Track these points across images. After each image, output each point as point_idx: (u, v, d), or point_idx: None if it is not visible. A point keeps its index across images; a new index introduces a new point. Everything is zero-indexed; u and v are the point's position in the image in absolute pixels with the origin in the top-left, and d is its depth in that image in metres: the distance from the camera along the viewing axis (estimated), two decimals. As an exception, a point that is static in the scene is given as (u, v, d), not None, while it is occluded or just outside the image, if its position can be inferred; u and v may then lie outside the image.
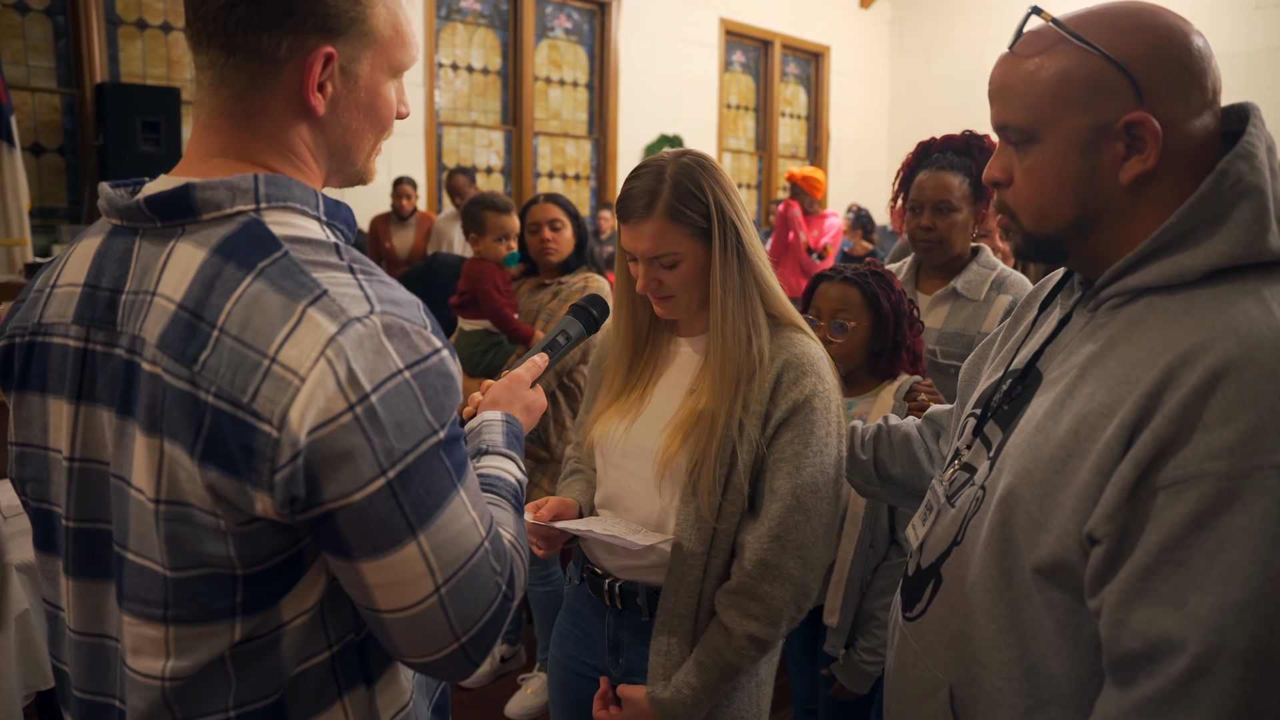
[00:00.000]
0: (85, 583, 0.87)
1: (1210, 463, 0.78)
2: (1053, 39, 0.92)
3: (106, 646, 0.87)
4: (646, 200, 1.37)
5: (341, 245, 0.83)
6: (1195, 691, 0.77)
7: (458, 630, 0.82)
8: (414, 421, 0.77)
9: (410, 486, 0.77)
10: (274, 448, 0.73)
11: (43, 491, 0.90)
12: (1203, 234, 0.87)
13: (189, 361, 0.75)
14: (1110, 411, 0.86)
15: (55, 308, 0.87)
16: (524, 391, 1.22)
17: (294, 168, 0.87)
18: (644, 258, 1.39)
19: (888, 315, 1.87)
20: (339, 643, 0.86)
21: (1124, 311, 0.92)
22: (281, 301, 0.75)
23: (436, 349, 0.80)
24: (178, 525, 0.77)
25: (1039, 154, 0.94)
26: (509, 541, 0.91)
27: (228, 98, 0.84)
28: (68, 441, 0.86)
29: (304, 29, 0.82)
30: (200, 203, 0.80)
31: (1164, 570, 0.80)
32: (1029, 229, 0.98)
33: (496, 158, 7.71)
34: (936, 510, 1.10)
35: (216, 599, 0.79)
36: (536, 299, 2.92)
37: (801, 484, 1.36)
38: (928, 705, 1.04)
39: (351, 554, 0.77)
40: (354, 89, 0.87)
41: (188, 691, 0.81)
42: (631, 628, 1.48)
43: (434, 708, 1.01)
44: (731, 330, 1.38)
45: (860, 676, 1.88)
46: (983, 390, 1.12)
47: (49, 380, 0.86)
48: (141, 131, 5.14)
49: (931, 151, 2.24)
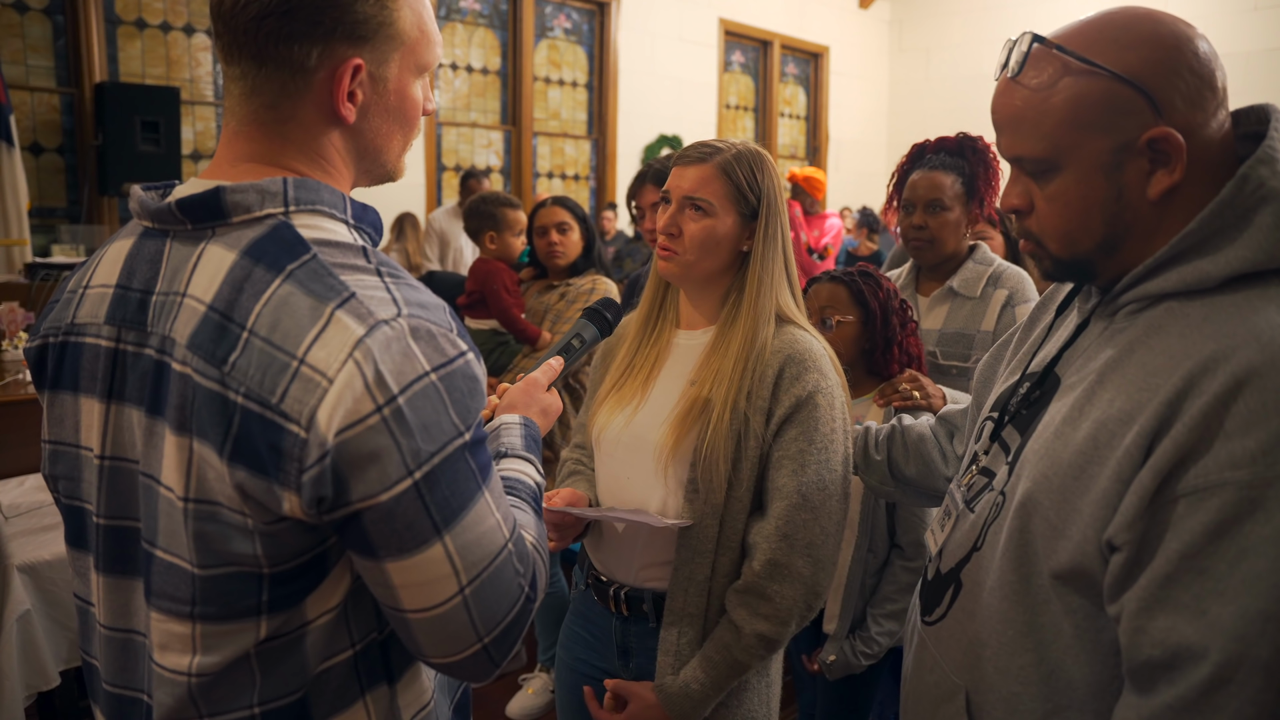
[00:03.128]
0: (115, 579, 0.88)
1: (1232, 471, 0.78)
2: (1057, 63, 0.90)
3: (135, 642, 0.88)
4: (708, 153, 1.43)
5: (369, 248, 0.84)
6: (1217, 700, 0.77)
7: (481, 631, 0.83)
8: (440, 423, 0.77)
9: (436, 488, 0.78)
10: (302, 448, 0.73)
11: (74, 489, 0.91)
12: (1224, 240, 0.87)
13: (219, 362, 0.76)
14: (1130, 418, 0.85)
15: (88, 308, 0.88)
16: (540, 395, 1.23)
17: (323, 172, 0.88)
18: (679, 196, 1.42)
19: (875, 311, 1.87)
20: (362, 641, 0.87)
21: (1143, 317, 0.92)
22: (310, 304, 0.76)
23: (462, 351, 0.80)
24: (206, 524, 0.78)
25: (1062, 181, 0.92)
26: (531, 543, 0.91)
27: (259, 106, 0.85)
28: (98, 440, 0.87)
29: (333, 37, 0.82)
30: (230, 205, 0.81)
31: (1185, 578, 0.79)
32: (1058, 254, 0.97)
33: (496, 158, 7.70)
34: (955, 515, 1.09)
35: (243, 597, 0.80)
36: (544, 300, 2.94)
37: (806, 481, 1.35)
38: (945, 710, 1.03)
39: (378, 554, 0.78)
40: (383, 94, 0.88)
41: (213, 688, 0.82)
42: (639, 634, 1.48)
43: (455, 707, 1.01)
44: (761, 312, 1.40)
45: (844, 667, 1.88)
46: (1000, 393, 1.12)
47: (81, 379, 0.88)
48: (141, 131, 5.13)
49: (926, 153, 2.24)
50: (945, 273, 2.23)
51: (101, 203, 5.52)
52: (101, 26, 5.51)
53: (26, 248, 4.82)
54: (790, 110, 10.21)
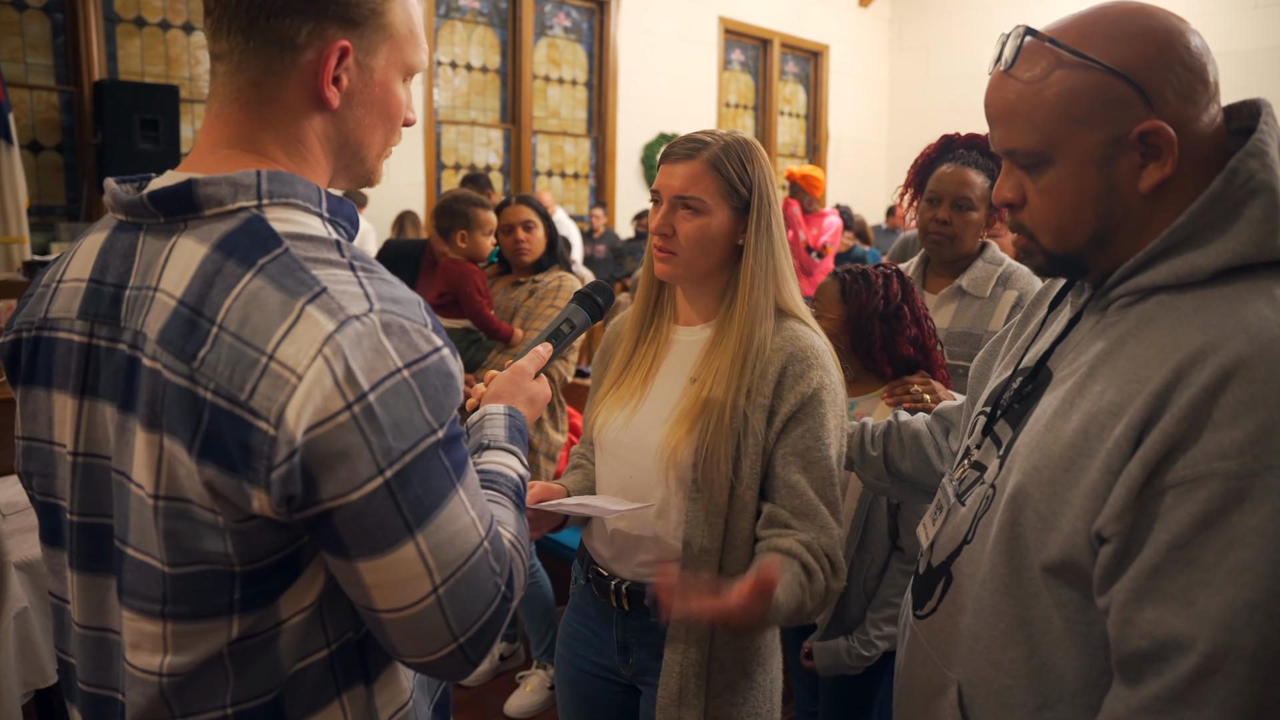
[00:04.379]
0: (89, 577, 0.87)
1: (1220, 462, 0.78)
2: (1050, 56, 0.90)
3: (110, 640, 0.87)
4: (695, 147, 1.39)
5: (343, 242, 0.83)
6: (1204, 690, 0.77)
7: (456, 630, 0.82)
8: (413, 421, 0.76)
9: (408, 486, 0.76)
10: (270, 446, 0.72)
11: (48, 486, 0.90)
12: (1214, 232, 0.87)
13: (188, 358, 0.75)
14: (1119, 410, 0.85)
15: (61, 303, 0.87)
16: (527, 383, 1.21)
17: (301, 160, 0.87)
18: (670, 197, 1.39)
19: (853, 313, 1.85)
20: (337, 641, 0.86)
21: (1134, 310, 0.92)
22: (280, 299, 0.75)
23: (437, 347, 0.79)
24: (176, 521, 0.77)
25: (1054, 174, 0.93)
26: (509, 541, 0.90)
27: (243, 84, 0.84)
28: (71, 436, 0.86)
29: (325, 16, 0.82)
30: (203, 198, 0.80)
31: (1172, 569, 0.80)
32: (1050, 248, 0.97)
33: (495, 156, 7.70)
34: (947, 509, 1.09)
35: (214, 595, 0.79)
36: (513, 296, 3.02)
37: (815, 478, 1.35)
38: (937, 703, 1.04)
39: (349, 553, 0.77)
40: (369, 83, 0.87)
41: (185, 688, 0.81)
42: (640, 629, 1.47)
43: (435, 706, 1.00)
44: (756, 307, 1.38)
45: (834, 665, 1.87)
46: (993, 388, 1.12)
47: (54, 375, 0.87)
48: (140, 129, 5.12)
49: (955, 146, 2.19)
50: (955, 270, 2.20)
51: (100, 201, 5.49)
52: (101, 24, 5.51)
53: (25, 246, 4.82)
54: (790, 109, 10.20)
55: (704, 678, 1.39)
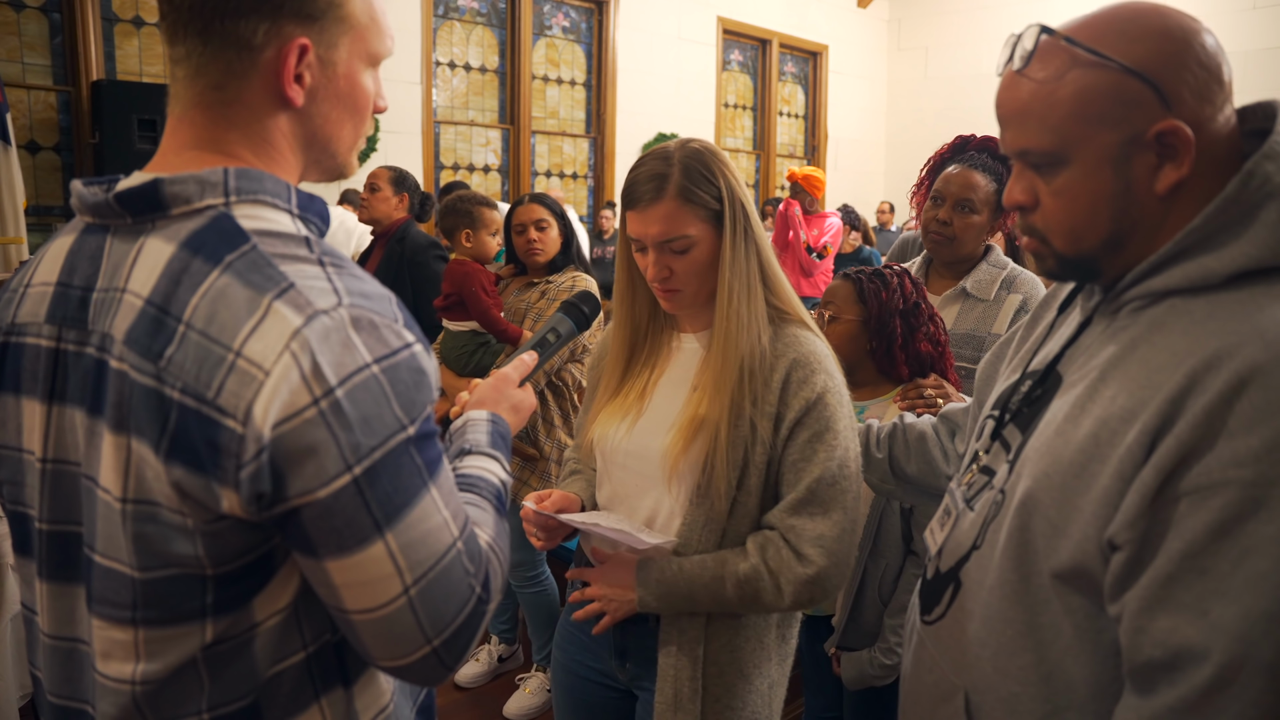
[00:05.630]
0: (57, 586, 0.86)
1: (1235, 470, 0.77)
2: (1064, 55, 0.89)
3: (79, 651, 0.86)
4: (656, 184, 1.33)
5: (313, 238, 0.82)
6: (1219, 702, 0.76)
7: (429, 633, 0.80)
8: (382, 417, 0.75)
9: (377, 483, 0.75)
10: (239, 443, 0.71)
11: (18, 494, 0.88)
12: (1228, 236, 0.86)
13: (154, 357, 0.74)
14: (1132, 416, 0.84)
15: (28, 307, 0.86)
16: (511, 391, 1.20)
17: (269, 159, 0.86)
18: (654, 243, 1.35)
19: (873, 312, 1.85)
20: (314, 643, 0.84)
21: (1146, 314, 0.91)
22: (248, 295, 0.74)
23: (408, 343, 0.78)
24: (145, 525, 0.76)
25: (1069, 175, 0.91)
26: (486, 543, 0.88)
27: (204, 88, 0.83)
28: (40, 443, 0.84)
29: (281, 14, 0.81)
30: (169, 197, 0.79)
31: (1186, 578, 0.79)
32: (1063, 251, 0.95)
33: (494, 156, 7.70)
34: (955, 514, 1.08)
35: (186, 600, 0.78)
36: (525, 298, 2.92)
37: (824, 480, 1.33)
38: (944, 710, 1.03)
39: (317, 552, 0.76)
40: (332, 78, 0.86)
41: (159, 695, 0.79)
42: (637, 634, 1.46)
43: (419, 709, 0.98)
44: (736, 318, 1.35)
45: (860, 678, 1.86)
46: (1001, 391, 1.11)
47: (22, 381, 0.85)
48: (138, 129, 5.12)
49: (968, 148, 2.18)
50: (958, 272, 2.19)
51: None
52: (98, 24, 5.50)
53: (23, 246, 4.80)
54: (789, 109, 10.20)
55: (699, 682, 1.38)
